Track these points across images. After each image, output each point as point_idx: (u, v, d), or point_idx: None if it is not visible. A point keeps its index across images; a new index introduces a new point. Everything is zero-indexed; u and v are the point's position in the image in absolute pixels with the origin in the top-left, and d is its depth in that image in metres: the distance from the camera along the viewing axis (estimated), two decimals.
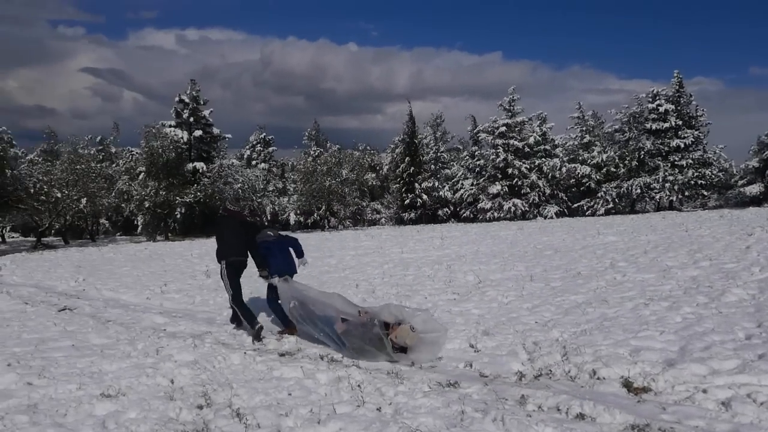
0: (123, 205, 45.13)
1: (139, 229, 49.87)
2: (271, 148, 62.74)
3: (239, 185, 42.26)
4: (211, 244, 29.07)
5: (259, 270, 8.23)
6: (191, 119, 50.04)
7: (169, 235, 43.46)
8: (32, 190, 35.12)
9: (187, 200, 42.23)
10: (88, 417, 5.19)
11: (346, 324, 6.87)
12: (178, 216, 48.31)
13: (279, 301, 8.02)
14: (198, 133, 49.62)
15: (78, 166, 38.32)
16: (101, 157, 56.31)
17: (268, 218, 31.05)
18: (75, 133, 62.48)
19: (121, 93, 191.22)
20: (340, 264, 16.01)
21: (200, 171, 46.50)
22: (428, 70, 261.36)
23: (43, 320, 9.79)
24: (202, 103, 51.51)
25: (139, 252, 25.80)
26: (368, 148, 66.76)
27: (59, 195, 36.04)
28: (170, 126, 48.20)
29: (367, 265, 15.17)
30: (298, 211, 50.90)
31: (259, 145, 62.48)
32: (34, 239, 40.77)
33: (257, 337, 7.81)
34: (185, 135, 48.20)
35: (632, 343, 6.37)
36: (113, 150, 64.77)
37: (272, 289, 8.14)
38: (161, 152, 41.45)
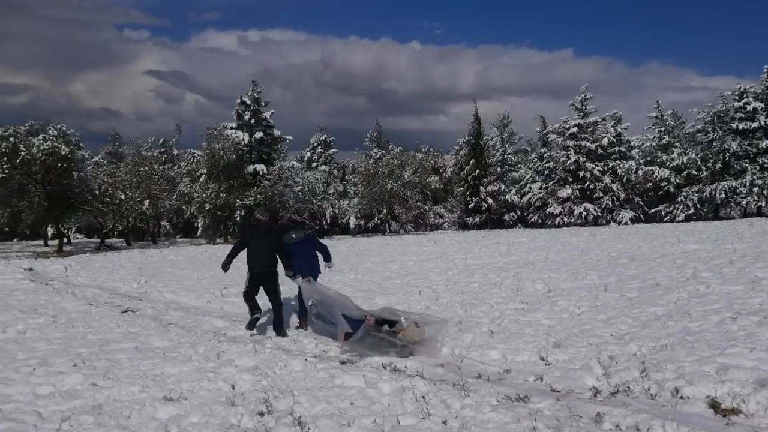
0: (184, 207, 46.51)
1: (199, 231, 51.32)
2: (331, 150, 63.46)
3: (299, 188, 42.90)
4: None
5: (285, 270, 9.10)
6: (252, 121, 51.15)
7: (229, 237, 44.49)
8: (97, 192, 36.62)
9: (247, 203, 43.10)
10: (151, 420, 5.36)
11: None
12: (238, 218, 49.45)
13: (303, 298, 9.15)
14: (259, 134, 50.67)
15: (141, 168, 39.74)
16: (163, 159, 58.25)
17: (297, 220, 31.33)
18: (139, 136, 65.16)
19: (183, 95, 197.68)
20: (402, 270, 16.00)
21: (260, 173, 47.44)
22: (495, 69, 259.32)
23: (106, 321, 10.18)
24: (263, 104, 52.59)
25: (199, 254, 26.51)
26: (431, 149, 66.72)
27: (123, 197, 37.45)
28: (231, 128, 49.41)
29: (430, 272, 15.11)
30: (359, 215, 51.28)
31: (319, 146, 63.29)
32: (98, 240, 42.52)
33: (248, 327, 8.80)
34: (246, 137, 49.31)
35: (719, 360, 6.09)
36: (175, 152, 66.92)
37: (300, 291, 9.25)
38: (222, 154, 42.52)
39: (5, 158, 32.32)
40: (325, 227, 46.25)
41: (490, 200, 48.84)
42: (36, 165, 32.52)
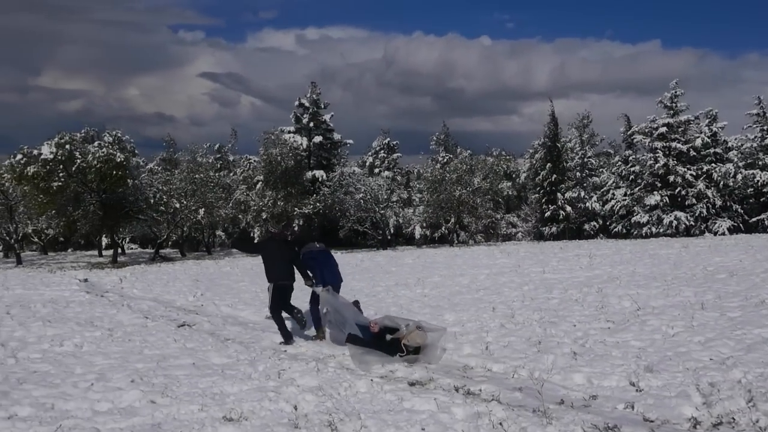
0: (240, 216, 47.57)
1: (256, 241, 52.35)
2: (395, 155, 63.73)
3: (361, 195, 43.20)
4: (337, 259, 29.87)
5: (305, 280, 10.13)
6: (311, 124, 52.02)
7: None
8: (152, 201, 37.92)
9: (306, 211, 43.83)
10: None
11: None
12: (296, 228, 50.16)
13: (319, 307, 9.96)
14: (318, 139, 51.50)
15: (197, 176, 40.89)
16: (219, 165, 59.70)
17: (313, 232, 31.44)
18: (193, 141, 66.95)
19: (238, 98, 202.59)
20: (473, 284, 15.90)
21: (320, 180, 48.14)
22: (573, 64, 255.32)
23: (163, 336, 10.49)
24: (322, 106, 53.45)
25: (255, 266, 26.97)
26: (503, 153, 66.10)
27: (178, 205, 38.62)
28: (289, 132, 50.37)
29: (504, 286, 14.95)
30: (424, 224, 51.24)
31: (382, 151, 63.67)
32: (152, 251, 43.91)
33: (285, 343, 9.72)
34: (305, 141, 50.18)
35: None
36: (231, 158, 68.48)
37: (315, 296, 10.09)
38: (280, 160, 43.36)
39: (61, 166, 33.85)
40: (389, 237, 46.39)
41: (568, 208, 48.01)
42: (91, 173, 33.94)
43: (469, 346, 8.79)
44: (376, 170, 61.09)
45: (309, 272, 10.13)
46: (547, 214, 48.60)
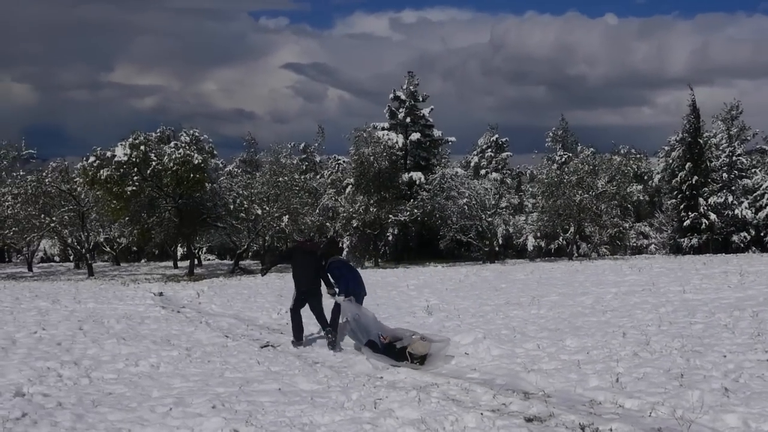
0: (327, 223, 48.33)
1: (345, 252, 53.04)
2: (504, 154, 63.33)
3: (465, 200, 43.04)
4: (430, 272, 29.96)
5: (327, 289, 12.05)
6: (408, 120, 52.38)
7: (379, 261, 45.61)
8: (231, 206, 39.05)
9: (402, 218, 44.07)
10: None
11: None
12: (390, 238, 50.64)
13: (339, 317, 11.89)
14: (416, 136, 51.77)
15: (280, 179, 41.77)
16: (304, 167, 61.04)
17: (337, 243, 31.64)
18: (276, 140, 68.37)
19: (325, 91, 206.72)
20: (598, 304, 15.52)
21: (417, 183, 48.34)
22: (717, 44, 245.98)
23: (245, 357, 10.79)
24: (420, 99, 53.73)
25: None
26: (632, 151, 64.41)
27: (259, 212, 39.59)
28: (383, 129, 50.87)
29: (636, 308, 14.51)
30: (539, 234, 50.56)
31: (489, 149, 63.39)
32: (231, 262, 45.26)
33: (294, 344, 11.88)
34: (401, 139, 50.54)
35: None
36: (317, 159, 69.87)
37: (337, 306, 11.94)
38: (372, 160, 43.78)
39: (135, 169, 35.37)
40: (496, 249, 45.99)
41: (712, 216, 46.22)
42: (167, 176, 35.27)
43: (595, 377, 8.57)
44: (483, 172, 60.87)
45: (334, 282, 12.07)
46: (686, 222, 46.97)
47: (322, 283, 12.13)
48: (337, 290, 11.92)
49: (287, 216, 40.96)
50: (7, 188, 40.54)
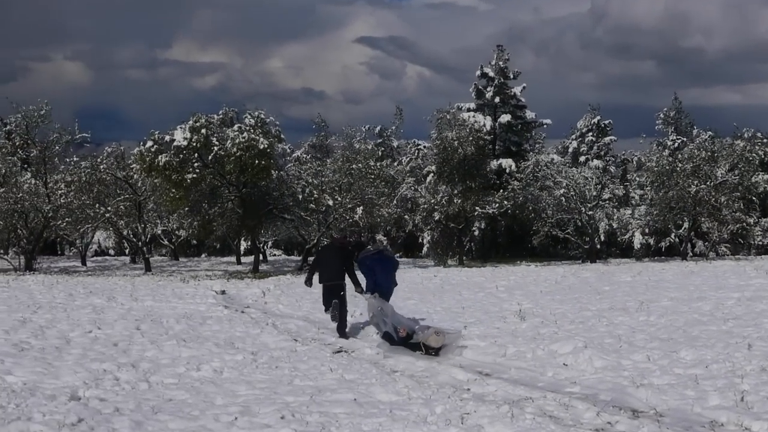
0: (406, 216, 48.44)
1: (425, 249, 53.13)
2: (607, 138, 62.16)
3: (562, 191, 42.44)
4: (522, 272, 29.73)
5: (355, 287, 13.82)
6: (496, 99, 52.07)
7: (464, 258, 45.42)
8: (300, 196, 39.44)
9: (490, 211, 43.81)
10: None
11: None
12: (476, 233, 50.43)
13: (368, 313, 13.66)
14: (506, 118, 51.43)
15: (354, 166, 41.94)
16: (380, 153, 61.29)
17: (363, 239, 31.08)
18: (349, 123, 69.08)
19: (403, 68, 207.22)
20: (718, 311, 15.13)
21: (508, 171, 48.03)
22: None
23: (316, 363, 10.93)
24: (511, 76, 53.34)
25: (426, 280, 27.37)
26: (758, 135, 62.34)
27: (331, 202, 39.86)
28: (469, 110, 50.70)
29: (763, 316, 14.10)
30: (647, 230, 49.50)
31: (590, 133, 62.34)
32: (300, 258, 45.77)
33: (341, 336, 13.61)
34: (488, 121, 50.29)
35: None
36: (395, 144, 70.12)
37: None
38: (457, 145, 43.55)
39: (196, 154, 36.09)
40: (598, 246, 45.28)
41: None
42: (230, 162, 35.86)
43: (716, 395, 8.34)
44: (582, 158, 59.92)
45: (362, 276, 13.93)
46: None
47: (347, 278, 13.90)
48: (363, 288, 13.78)
49: (361, 207, 41.15)
50: (59, 175, 41.84)
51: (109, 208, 39.70)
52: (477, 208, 43.59)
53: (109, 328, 14.21)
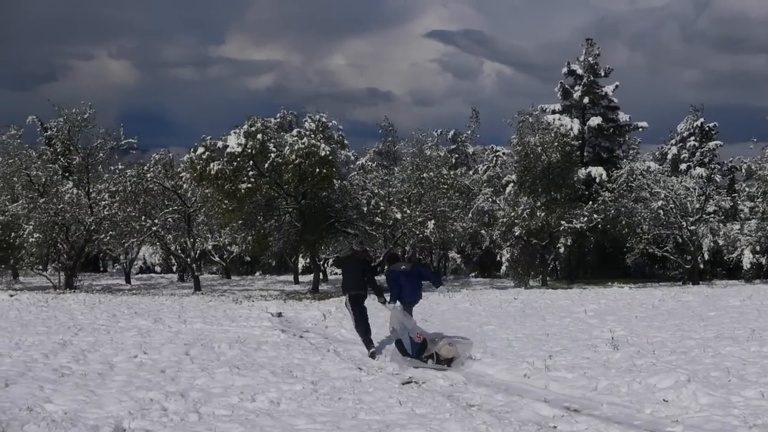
0: (482, 231, 48.21)
1: (503, 267, 52.84)
2: (712, 143, 61.13)
3: (660, 203, 41.78)
4: (613, 295, 29.34)
5: (377, 297, 15.59)
6: (585, 100, 51.65)
7: (548, 279, 45.01)
8: (365, 209, 39.46)
9: (577, 226, 43.28)
10: None
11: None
12: (562, 250, 49.96)
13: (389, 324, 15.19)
14: (596, 121, 50.98)
15: (424, 175, 41.95)
16: (454, 160, 61.08)
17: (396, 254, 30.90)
18: (419, 126, 68.96)
19: (480, 65, 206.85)
20: None
21: (598, 180, 47.54)
22: None
23: (383, 395, 10.92)
24: (602, 74, 52.90)
25: (505, 303, 27.18)
26: None
27: (399, 215, 39.83)
28: (554, 112, 50.40)
29: None
30: (758, 248, 48.38)
31: (692, 137, 61.35)
32: None
33: (371, 356, 14.96)
34: (576, 125, 49.91)
35: None
36: (470, 150, 69.91)
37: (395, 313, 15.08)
38: (540, 152, 43.23)
39: (251, 162, 36.41)
40: (701, 266, 44.42)
41: None
42: (288, 171, 36.04)
43: None
44: (683, 166, 58.99)
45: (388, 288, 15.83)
46: None
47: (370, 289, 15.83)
48: (387, 298, 15.54)
49: (433, 221, 41.05)
50: (103, 185, 42.46)
51: (156, 221, 40.26)
52: (563, 222, 43.12)
53: (155, 353, 14.44)
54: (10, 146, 43.61)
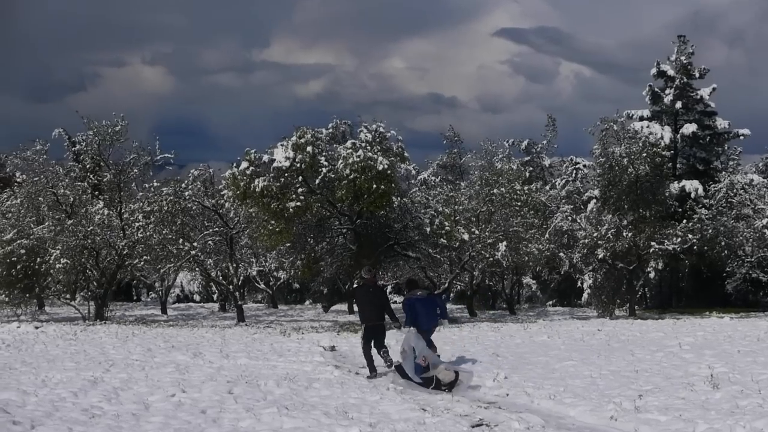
0: (561, 254, 47.84)
1: (585, 295, 52.34)
2: None
3: (765, 221, 41.18)
4: (712, 326, 28.99)
5: (393, 322, 18.07)
6: (678, 105, 51.10)
7: (636, 307, 44.52)
8: (428, 229, 39.28)
9: (669, 247, 42.75)
10: None
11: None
12: (652, 275, 49.38)
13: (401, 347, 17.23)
14: (690, 128, 50.44)
15: (495, 191, 41.80)
16: (528, 174, 60.88)
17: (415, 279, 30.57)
18: (488, 136, 68.44)
19: (556, 66, 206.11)
20: None
21: (693, 196, 46.93)
22: None
23: None
24: (696, 75, 52.32)
25: (588, 335, 26.99)
26: None
27: (466, 236, 39.69)
28: (641, 118, 50.01)
29: None
30: None
31: None
32: None
33: (370, 377, 17.39)
34: (668, 133, 49.44)
35: None
36: (546, 162, 69.56)
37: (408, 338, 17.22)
38: (626, 164, 42.88)
39: (300, 178, 36.51)
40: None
41: None
42: (342, 187, 36.07)
43: None
44: None
45: (406, 314, 18.08)
46: None
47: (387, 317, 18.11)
48: (401, 324, 18.12)
49: (505, 242, 40.84)
50: (137, 204, 42.77)
51: (195, 244, 40.24)
52: (653, 243, 42.63)
53: (195, 392, 14.57)
54: (35, 162, 44.14)
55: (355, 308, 48.88)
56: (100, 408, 12.70)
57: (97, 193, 46.97)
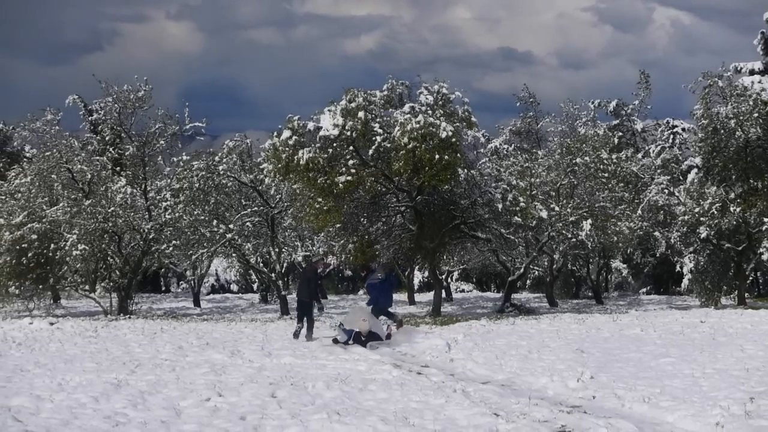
0: (656, 233, 47.45)
1: (685, 281, 51.83)
2: None
3: None
4: None
5: (316, 303, 27.10)
6: None
7: (747, 295, 44.04)
8: (500, 206, 38.86)
9: None
10: None
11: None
12: (765, 257, 48.76)
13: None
14: None
15: (578, 160, 41.38)
16: (617, 140, 60.28)
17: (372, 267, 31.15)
18: (568, 96, 67.58)
19: (649, 13, 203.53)
20: None
21: None
22: None
23: None
24: None
25: (688, 328, 26.76)
26: None
27: (544, 214, 39.34)
28: (752, 72, 49.31)
29: None
30: None
31: None
32: (499, 295, 45.71)
33: (295, 335, 26.16)
34: None
35: None
36: (638, 126, 68.86)
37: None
38: (734, 126, 42.34)
39: (351, 148, 36.30)
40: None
41: None
42: (399, 158, 35.84)
43: None
44: None
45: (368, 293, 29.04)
46: None
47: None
48: (323, 306, 28.06)
49: (590, 220, 40.48)
50: (164, 181, 42.65)
51: (231, 226, 40.31)
52: (766, 219, 42.18)
53: (233, 395, 14.66)
54: (47, 135, 44.28)
55: (416, 298, 49.25)
56: (125, 415, 12.80)
57: (118, 168, 46.82)
